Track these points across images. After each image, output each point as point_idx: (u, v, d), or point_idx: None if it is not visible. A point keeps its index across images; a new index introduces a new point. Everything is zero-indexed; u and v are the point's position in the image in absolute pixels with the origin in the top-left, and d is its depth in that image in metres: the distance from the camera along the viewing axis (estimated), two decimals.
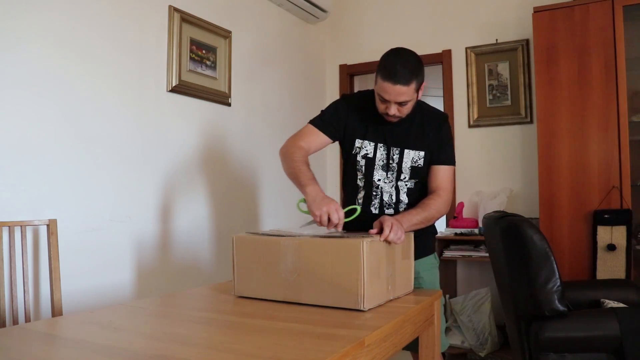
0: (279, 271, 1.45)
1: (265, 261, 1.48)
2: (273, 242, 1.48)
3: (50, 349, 1.15)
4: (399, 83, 1.59)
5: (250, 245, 1.54)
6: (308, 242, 1.42)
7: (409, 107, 1.68)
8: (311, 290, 1.40)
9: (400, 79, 1.58)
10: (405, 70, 1.60)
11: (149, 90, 2.46)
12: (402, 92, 1.61)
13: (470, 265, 3.44)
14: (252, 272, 1.52)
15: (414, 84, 1.62)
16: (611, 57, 2.68)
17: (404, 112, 1.68)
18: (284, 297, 1.45)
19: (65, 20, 2.07)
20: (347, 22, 3.97)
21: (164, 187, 2.52)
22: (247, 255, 1.53)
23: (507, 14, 3.39)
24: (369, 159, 1.78)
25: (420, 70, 1.65)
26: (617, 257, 2.60)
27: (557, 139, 2.81)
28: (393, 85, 1.59)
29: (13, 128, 1.89)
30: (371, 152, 1.77)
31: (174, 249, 2.57)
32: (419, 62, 1.67)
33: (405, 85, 1.59)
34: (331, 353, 0.97)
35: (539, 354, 1.86)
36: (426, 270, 1.83)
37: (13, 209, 1.87)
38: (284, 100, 3.48)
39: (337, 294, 1.37)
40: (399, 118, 1.70)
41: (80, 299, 2.09)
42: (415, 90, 1.65)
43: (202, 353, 1.04)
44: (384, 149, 1.77)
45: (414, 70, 1.61)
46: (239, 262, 1.54)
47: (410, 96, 1.64)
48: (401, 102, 1.64)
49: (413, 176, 1.77)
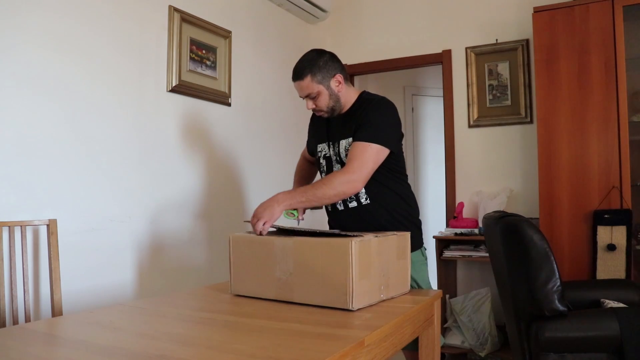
0: (273, 270, 1.48)
1: (260, 260, 1.51)
2: (268, 241, 1.51)
3: (50, 349, 1.15)
4: (296, 79, 1.79)
5: (246, 244, 1.57)
6: (302, 242, 1.44)
7: (323, 100, 1.80)
8: (303, 289, 1.42)
9: (295, 75, 1.79)
10: (299, 66, 1.79)
11: (148, 90, 2.46)
12: (302, 86, 1.78)
13: (470, 265, 3.44)
14: (247, 271, 1.54)
15: (309, 77, 1.76)
16: (611, 57, 2.68)
17: (320, 104, 1.81)
18: (277, 296, 1.47)
19: (65, 20, 2.07)
20: (347, 22, 3.97)
21: (164, 187, 2.52)
22: (243, 254, 1.56)
23: (507, 14, 3.39)
24: (327, 158, 1.91)
25: (317, 63, 1.77)
26: (617, 257, 2.60)
27: (557, 139, 2.81)
28: (295, 82, 1.81)
29: (13, 128, 1.89)
30: (327, 151, 1.91)
31: (174, 249, 2.57)
32: (319, 56, 1.79)
33: (300, 79, 1.77)
34: (331, 353, 0.97)
35: (539, 354, 1.86)
36: (412, 268, 1.78)
37: (13, 209, 1.87)
38: (284, 100, 3.48)
39: (327, 293, 1.38)
40: (325, 112, 1.84)
41: (80, 299, 2.09)
42: (318, 82, 1.77)
43: (202, 353, 1.04)
44: (331, 145, 1.89)
45: (307, 64, 1.77)
46: (235, 261, 1.58)
47: (311, 88, 1.77)
48: (309, 96, 1.79)
49: None
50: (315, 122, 2.02)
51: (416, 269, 1.81)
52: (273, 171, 3.33)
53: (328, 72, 1.78)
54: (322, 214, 2.05)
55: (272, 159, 3.34)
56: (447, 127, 3.58)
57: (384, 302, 1.46)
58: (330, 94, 1.80)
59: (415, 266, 1.82)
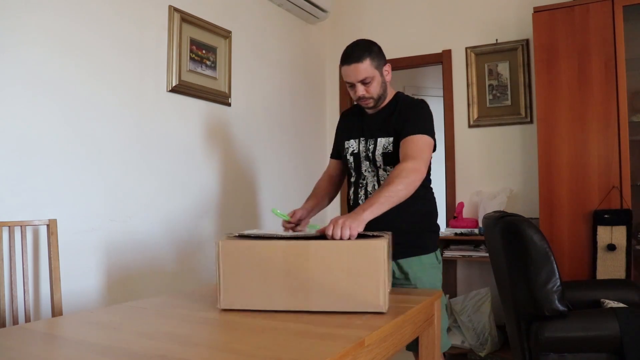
0: (282, 278, 1.33)
1: (262, 268, 1.34)
2: (274, 247, 1.35)
3: (50, 349, 1.15)
4: (352, 62, 1.75)
5: (241, 251, 1.36)
6: (318, 245, 1.34)
7: (375, 86, 1.79)
8: (322, 296, 1.32)
9: (352, 58, 1.75)
10: (356, 49, 1.76)
11: (148, 90, 2.46)
12: (359, 70, 1.75)
13: (470, 265, 3.44)
14: (244, 282, 1.35)
15: (368, 60, 1.75)
16: (611, 57, 2.68)
17: (371, 91, 1.80)
18: (287, 307, 1.34)
19: (65, 20, 2.07)
20: (347, 22, 3.97)
21: (164, 187, 2.52)
22: (237, 262, 1.36)
23: (507, 14, 3.39)
24: (355, 155, 1.91)
25: (373, 49, 1.78)
26: (617, 257, 2.60)
27: (557, 139, 2.81)
28: (349, 66, 1.76)
29: (13, 128, 1.89)
30: (356, 147, 1.90)
31: (174, 249, 2.57)
32: (372, 44, 1.81)
33: (358, 62, 1.74)
34: (331, 353, 0.97)
35: (539, 354, 1.86)
36: (423, 270, 1.81)
37: (13, 209, 1.87)
38: (284, 100, 3.48)
39: (355, 298, 1.31)
40: (372, 99, 1.82)
41: (80, 299, 2.09)
42: (375, 67, 1.77)
43: (202, 353, 1.04)
44: (364, 141, 1.88)
45: (365, 49, 1.76)
46: (226, 270, 1.35)
47: (369, 72, 1.76)
48: (363, 81, 1.77)
49: (387, 162, 1.83)
50: (347, 120, 2.01)
51: (426, 271, 1.81)
52: (273, 171, 3.33)
53: (382, 59, 1.81)
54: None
55: (272, 159, 3.34)
56: (447, 127, 3.58)
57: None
58: (382, 81, 1.81)
59: (426, 268, 1.82)
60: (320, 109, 3.97)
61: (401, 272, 1.83)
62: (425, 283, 1.81)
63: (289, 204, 3.48)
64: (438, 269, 1.87)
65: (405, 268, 1.81)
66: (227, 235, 1.48)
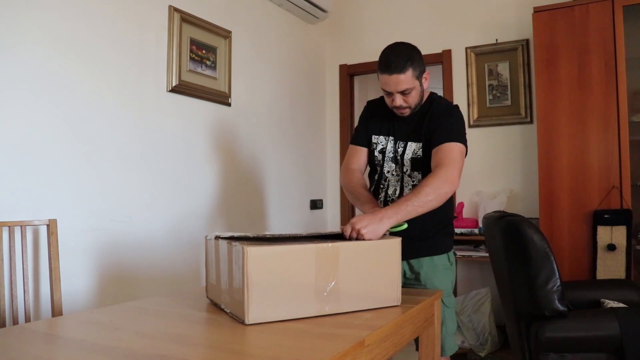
0: (312, 283, 1.27)
1: (293, 274, 1.25)
2: (304, 251, 1.28)
3: (50, 349, 1.15)
4: (394, 72, 1.65)
5: (271, 257, 1.24)
6: (346, 247, 1.34)
7: (414, 96, 1.72)
8: (350, 297, 1.33)
9: (395, 68, 1.65)
10: (398, 59, 1.65)
11: (148, 90, 2.46)
12: (400, 81, 1.66)
13: (470, 265, 3.44)
14: (273, 291, 1.23)
15: (410, 71, 1.66)
16: (611, 57, 2.68)
17: (410, 101, 1.73)
18: (319, 312, 1.28)
19: (65, 20, 2.07)
20: (347, 22, 3.97)
21: (164, 187, 2.52)
22: (266, 270, 1.22)
23: (507, 14, 3.39)
24: (383, 152, 1.85)
25: (415, 57, 1.69)
26: (617, 257, 2.60)
27: (557, 139, 2.81)
28: (389, 76, 1.66)
29: (13, 128, 1.89)
30: (384, 145, 1.85)
31: (174, 249, 2.57)
32: (414, 51, 1.71)
33: (400, 73, 1.65)
34: (331, 353, 0.97)
35: (539, 354, 1.86)
36: (434, 271, 1.79)
37: (13, 209, 1.87)
38: (284, 100, 3.48)
39: (377, 295, 1.37)
40: (409, 109, 1.75)
41: (80, 299, 2.09)
42: (416, 78, 1.69)
43: (202, 353, 1.04)
44: (393, 142, 1.82)
45: (407, 58, 1.66)
46: (254, 280, 1.20)
47: (410, 84, 1.68)
48: (404, 92, 1.69)
49: (414, 168, 1.78)
50: (376, 113, 1.89)
51: (438, 272, 1.79)
52: (273, 171, 3.33)
53: (422, 66, 1.72)
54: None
55: (272, 158, 3.34)
56: None
57: None
58: (421, 90, 1.74)
59: (438, 269, 1.80)
60: (320, 109, 3.97)
61: (412, 272, 1.81)
62: (436, 284, 1.78)
63: (289, 203, 3.48)
64: (450, 271, 1.84)
65: (417, 268, 1.80)
66: (216, 236, 1.43)
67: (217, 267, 1.40)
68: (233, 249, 1.26)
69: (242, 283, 1.20)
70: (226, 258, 1.32)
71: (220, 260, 1.37)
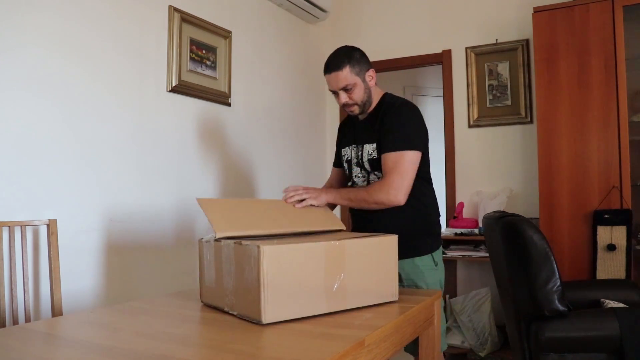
0: (321, 280, 1.28)
1: (304, 272, 1.26)
2: (314, 249, 1.28)
3: (50, 349, 1.15)
4: (333, 70, 1.76)
5: (285, 255, 1.24)
6: (352, 244, 1.36)
7: (358, 92, 1.79)
8: (355, 293, 1.35)
9: (333, 67, 1.76)
10: (336, 59, 1.77)
11: (149, 90, 2.46)
12: (340, 78, 1.76)
13: (470, 265, 3.44)
14: (286, 290, 1.23)
15: (348, 68, 1.75)
16: (611, 57, 2.68)
17: (354, 97, 1.80)
18: (328, 309, 1.30)
19: (65, 20, 2.07)
20: (347, 22, 3.97)
21: (164, 187, 2.52)
22: (280, 269, 1.22)
23: (507, 14, 3.39)
24: (348, 162, 1.94)
25: (354, 55, 1.78)
26: (617, 257, 2.60)
27: (557, 139, 2.81)
28: (329, 75, 1.78)
29: (13, 128, 1.89)
30: (349, 154, 1.94)
31: (174, 249, 2.57)
32: (353, 50, 1.81)
33: (338, 70, 1.75)
34: (331, 353, 0.97)
35: (539, 354, 1.86)
36: (415, 273, 1.79)
37: (13, 209, 1.87)
38: (284, 100, 3.48)
39: (379, 291, 1.41)
40: (357, 106, 1.82)
41: (80, 299, 2.09)
42: (356, 74, 1.77)
43: (202, 353, 1.04)
44: (355, 147, 1.90)
45: (344, 56, 1.76)
46: (269, 280, 1.19)
47: (349, 80, 1.76)
48: (345, 89, 1.77)
49: (373, 169, 1.83)
50: (343, 129, 2.05)
51: (419, 274, 1.79)
52: (273, 170, 3.33)
53: (363, 64, 1.80)
54: None
55: (272, 158, 3.34)
56: (447, 127, 3.58)
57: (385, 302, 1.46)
58: (365, 87, 1.80)
59: (420, 271, 1.79)
60: (320, 109, 3.97)
61: None
62: (419, 285, 1.79)
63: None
64: (435, 271, 1.83)
65: (398, 270, 1.80)
66: (211, 238, 1.44)
67: (217, 269, 1.40)
68: (244, 249, 1.24)
69: (257, 282, 1.20)
70: (232, 258, 1.31)
71: (223, 261, 1.36)
